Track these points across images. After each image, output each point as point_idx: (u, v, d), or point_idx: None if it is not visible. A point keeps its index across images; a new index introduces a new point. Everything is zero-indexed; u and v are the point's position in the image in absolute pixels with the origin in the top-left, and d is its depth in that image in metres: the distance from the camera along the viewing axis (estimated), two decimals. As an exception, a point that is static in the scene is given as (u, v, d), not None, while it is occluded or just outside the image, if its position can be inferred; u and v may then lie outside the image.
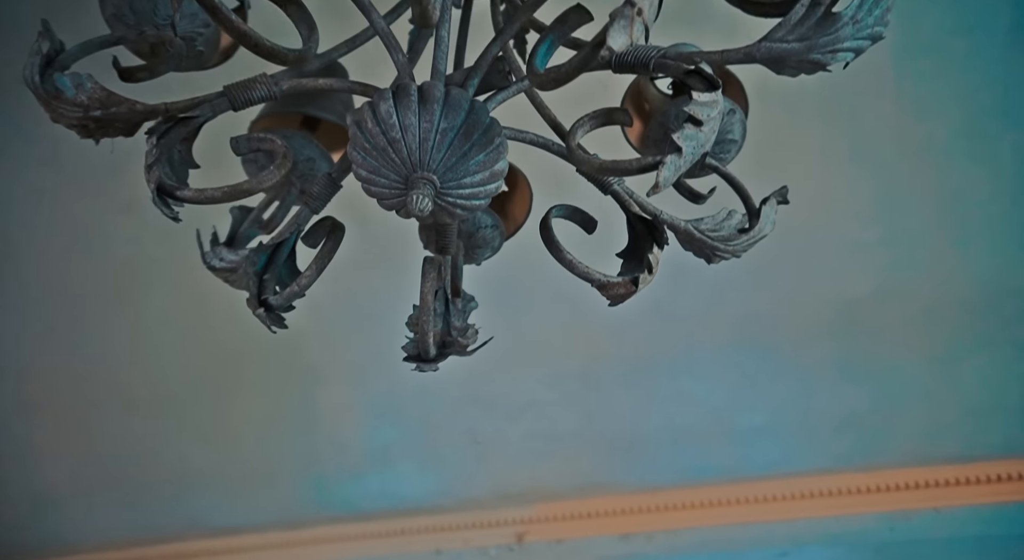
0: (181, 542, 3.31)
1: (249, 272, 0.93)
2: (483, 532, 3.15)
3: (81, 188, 2.14)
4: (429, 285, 0.92)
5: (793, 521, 2.85)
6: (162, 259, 2.29)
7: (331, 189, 1.01)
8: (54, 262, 2.28)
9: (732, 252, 0.98)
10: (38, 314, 2.42)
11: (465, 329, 1.01)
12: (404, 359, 0.97)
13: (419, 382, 2.72)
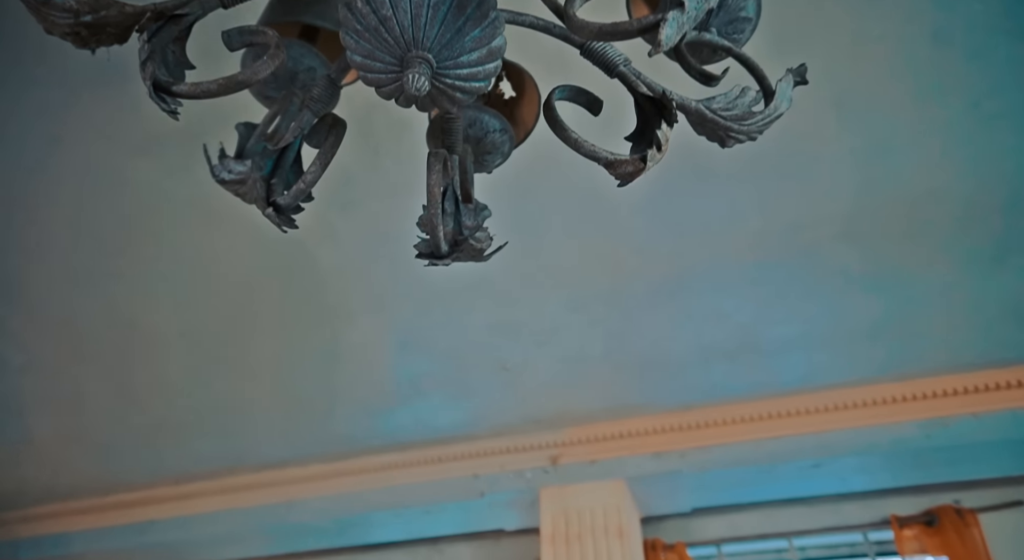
0: (226, 477, 3.46)
1: (257, 178, 0.93)
2: (518, 456, 3.22)
3: (94, 132, 2.15)
4: (435, 178, 0.90)
5: (826, 432, 2.86)
6: (180, 199, 2.30)
7: (331, 90, 0.99)
8: (72, 207, 2.31)
9: (747, 132, 0.94)
10: (65, 260, 2.47)
11: (476, 227, 1.00)
12: (417, 256, 0.96)
13: (444, 312, 2.76)
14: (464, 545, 3.71)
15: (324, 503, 3.36)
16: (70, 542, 3.52)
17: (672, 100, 0.89)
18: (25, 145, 2.15)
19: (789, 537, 3.25)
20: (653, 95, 0.91)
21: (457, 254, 1.06)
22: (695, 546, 3.33)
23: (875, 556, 3.14)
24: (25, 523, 3.61)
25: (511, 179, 2.13)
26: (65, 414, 3.10)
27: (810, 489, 3.09)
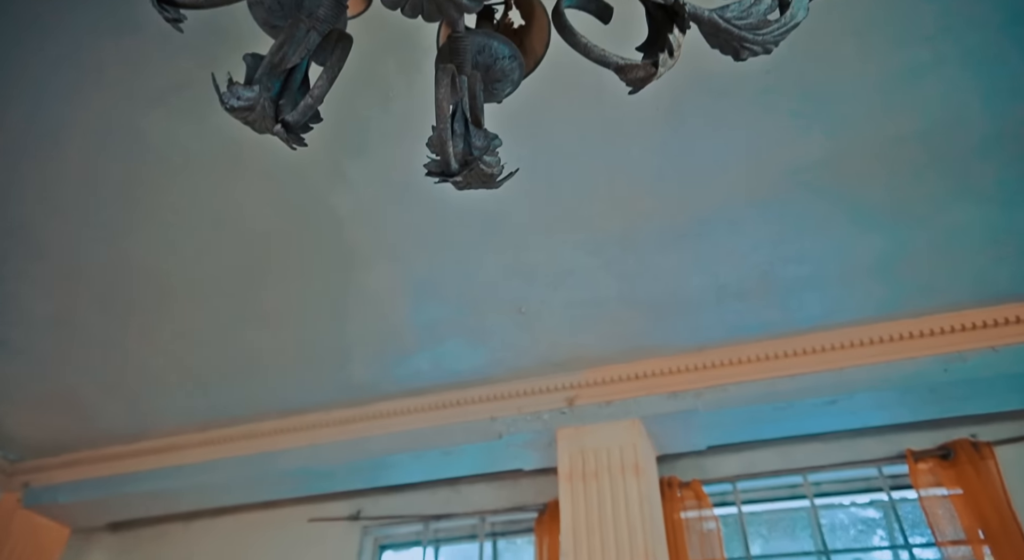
0: (250, 423, 3.56)
1: (265, 100, 0.92)
2: (534, 398, 3.27)
3: (107, 83, 2.13)
4: (443, 92, 0.89)
5: (842, 370, 2.86)
6: (194, 150, 2.30)
7: (337, 10, 0.97)
8: (88, 159, 2.31)
9: (762, 43, 0.91)
10: (84, 211, 2.49)
11: (486, 148, 0.99)
12: (427, 175, 0.96)
13: (459, 257, 2.76)
14: (483, 485, 3.81)
15: (346, 447, 3.44)
16: (104, 486, 3.66)
17: (684, 6, 0.87)
18: (40, 97, 2.15)
19: (804, 473, 3.30)
20: (664, 3, 0.89)
21: (468, 179, 1.06)
22: (711, 483, 3.39)
23: (889, 490, 3.18)
24: (61, 469, 3.75)
25: (522, 120, 2.11)
26: (91, 364, 3.18)
27: (825, 426, 3.11)
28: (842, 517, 3.44)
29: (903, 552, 3.12)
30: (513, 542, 3.86)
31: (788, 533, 3.49)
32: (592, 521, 2.90)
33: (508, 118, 1.88)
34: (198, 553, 4.03)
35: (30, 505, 3.68)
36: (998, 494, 2.86)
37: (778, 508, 3.47)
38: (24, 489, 3.73)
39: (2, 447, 3.70)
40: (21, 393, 3.35)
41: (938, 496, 3.04)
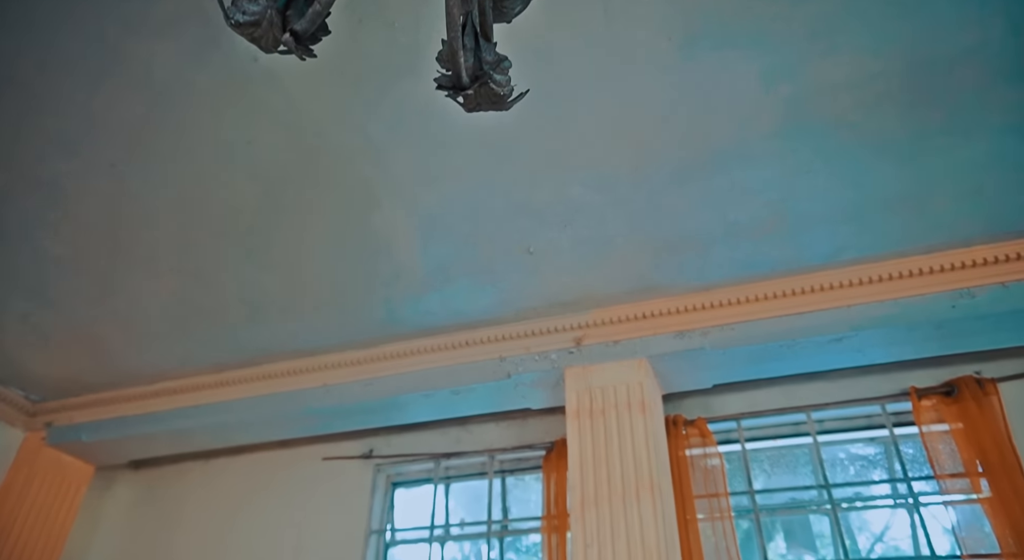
0: (263, 365, 3.62)
1: (272, 13, 0.91)
2: (543, 338, 3.31)
3: (110, 17, 2.10)
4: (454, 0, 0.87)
5: (850, 307, 2.87)
6: (200, 86, 2.28)
7: (341, -83, 0.94)
8: (95, 97, 2.30)
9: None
10: (93, 152, 2.49)
11: (498, 62, 0.98)
12: (437, 88, 0.95)
13: (468, 196, 2.75)
14: (492, 424, 3.89)
15: (358, 387, 3.51)
16: (124, 425, 3.76)
17: None
18: (43, 32, 2.12)
19: (807, 411, 3.35)
20: None
21: (478, 98, 1.05)
22: (715, 421, 3.46)
23: (892, 426, 3.23)
24: (83, 409, 3.85)
25: (529, 49, 2.07)
26: (106, 306, 3.23)
27: (831, 363, 3.14)
28: (844, 454, 3.52)
29: (901, 485, 3.20)
30: (521, 479, 3.97)
31: (790, 469, 3.57)
32: (599, 456, 2.97)
33: (516, 47, 1.85)
34: (217, 490, 4.17)
35: (54, 443, 3.80)
36: (999, 429, 2.90)
37: (781, 445, 3.54)
38: (47, 428, 3.85)
39: (24, 388, 3.79)
40: (40, 335, 3.41)
41: (939, 431, 3.09)
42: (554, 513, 3.48)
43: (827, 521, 3.41)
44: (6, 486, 3.64)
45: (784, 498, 3.46)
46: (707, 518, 3.21)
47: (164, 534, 4.12)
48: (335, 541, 3.76)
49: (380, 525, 3.85)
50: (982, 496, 2.87)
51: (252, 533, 3.94)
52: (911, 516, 3.16)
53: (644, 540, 2.73)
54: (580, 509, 2.88)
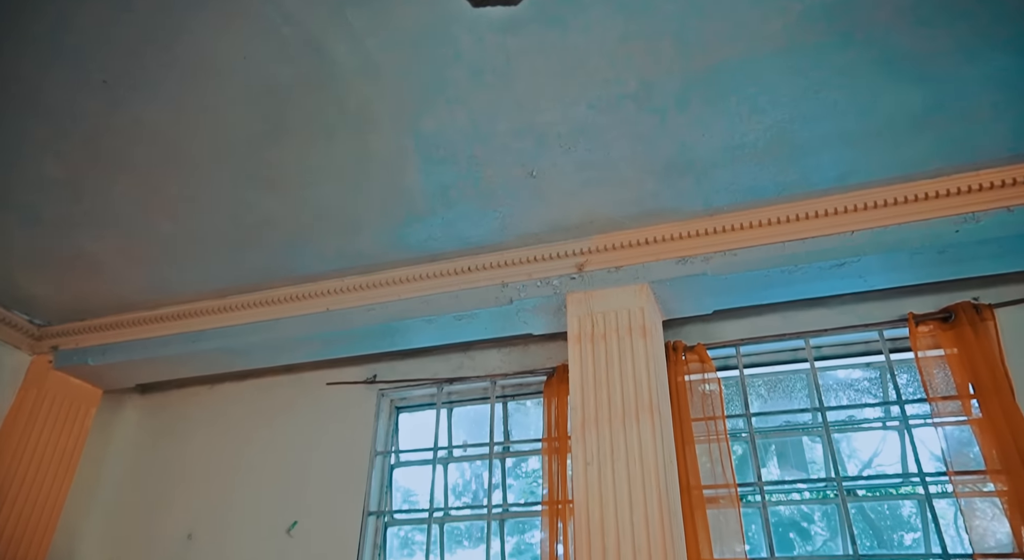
0: (266, 290, 3.64)
1: None
2: (545, 264, 3.31)
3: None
4: None
5: (854, 233, 2.87)
6: (192, 2, 2.19)
7: None
8: (87, 10, 2.21)
9: None
10: (85, 69, 2.42)
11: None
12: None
13: (469, 117, 2.69)
14: (494, 351, 3.95)
15: (361, 313, 3.54)
16: (129, 349, 3.81)
17: None
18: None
19: (806, 337, 3.40)
20: None
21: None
22: (714, 347, 3.51)
23: (888, 352, 3.28)
24: (88, 333, 3.89)
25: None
26: (105, 229, 3.20)
27: (831, 289, 3.16)
28: (839, 379, 3.59)
29: (894, 408, 3.27)
30: (523, 404, 4.06)
31: (786, 395, 3.65)
32: (600, 379, 3.03)
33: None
34: (223, 414, 4.27)
35: (61, 367, 3.85)
36: (993, 353, 2.95)
37: (778, 371, 3.61)
38: (54, 352, 3.89)
39: (28, 312, 3.82)
40: (41, 259, 3.41)
41: (934, 357, 3.14)
42: (554, 436, 3.58)
43: (820, 446, 3.51)
44: (17, 407, 3.72)
45: (779, 422, 3.55)
46: (704, 440, 3.29)
47: (172, 456, 4.23)
48: (341, 463, 3.87)
49: (385, 448, 3.96)
50: (972, 417, 2.95)
51: (258, 455, 4.05)
52: (901, 438, 3.25)
53: (643, 459, 2.81)
54: (581, 430, 2.95)
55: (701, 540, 3.07)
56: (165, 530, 3.99)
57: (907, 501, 4.55)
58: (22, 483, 3.58)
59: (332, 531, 3.69)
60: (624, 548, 2.67)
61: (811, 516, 5.09)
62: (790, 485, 3.35)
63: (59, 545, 3.80)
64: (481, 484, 4.80)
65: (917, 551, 3.34)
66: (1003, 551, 2.72)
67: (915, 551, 3.42)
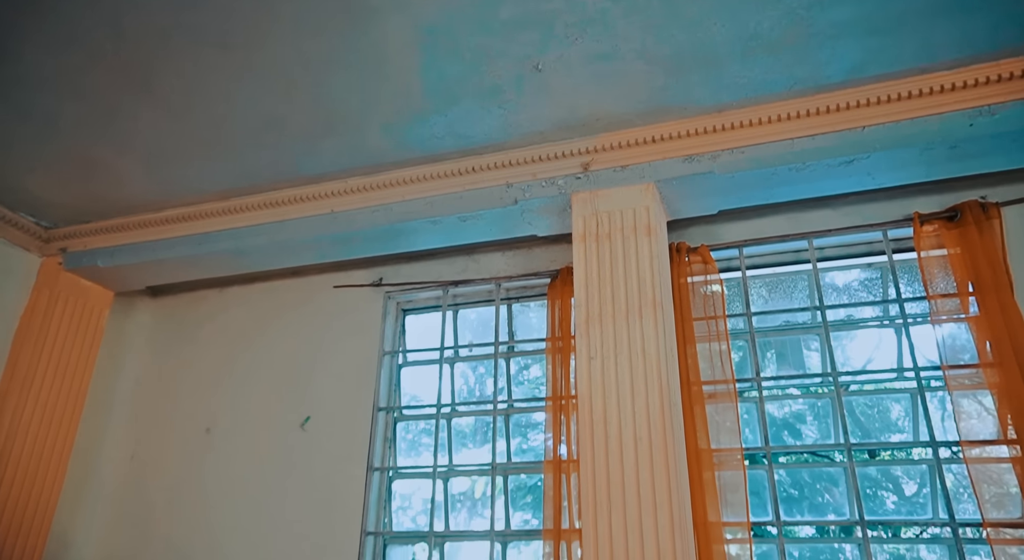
0: (269, 192, 3.63)
1: None
2: (550, 164, 3.28)
3: None
4: None
5: (864, 129, 2.82)
6: None
7: None
8: None
9: None
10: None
11: None
12: None
13: (473, 6, 2.58)
14: (498, 254, 3.98)
15: (365, 214, 3.54)
16: (137, 251, 3.84)
17: None
18: None
19: (809, 237, 3.41)
20: None
21: None
22: (718, 249, 3.52)
23: (892, 253, 3.30)
24: (95, 235, 3.91)
25: None
26: (106, 128, 3.15)
27: (838, 188, 3.14)
28: (841, 279, 3.63)
29: (893, 307, 3.33)
30: (527, 306, 4.13)
31: (787, 294, 3.70)
32: (604, 278, 3.06)
33: None
34: (233, 317, 4.35)
35: (71, 268, 3.89)
36: (996, 251, 2.97)
37: (780, 272, 3.64)
38: (63, 254, 3.93)
39: (34, 214, 3.83)
40: (44, 159, 3.38)
41: (937, 256, 3.17)
42: (558, 336, 3.66)
43: (817, 345, 3.60)
44: (32, 307, 3.79)
45: (779, 322, 3.62)
46: (705, 339, 3.37)
47: (186, 357, 4.35)
48: (350, 363, 3.98)
49: (392, 348, 4.06)
50: (969, 315, 3.00)
51: (270, 356, 4.16)
52: (898, 336, 3.32)
53: (645, 353, 2.89)
54: (585, 326, 3.02)
55: (699, 433, 3.20)
56: (183, 426, 4.15)
57: (897, 405, 4.71)
58: (43, 380, 3.70)
59: (344, 426, 3.84)
60: (625, 438, 2.79)
61: (804, 417, 5.28)
62: (787, 380, 3.46)
63: (82, 442, 3.97)
64: (485, 391, 4.96)
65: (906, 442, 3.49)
66: (1016, 517, 2.80)
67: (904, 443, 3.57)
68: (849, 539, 3.13)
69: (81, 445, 3.97)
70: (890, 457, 3.60)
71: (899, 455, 3.72)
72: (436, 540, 3.61)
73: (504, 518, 3.57)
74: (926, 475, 3.19)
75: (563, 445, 3.42)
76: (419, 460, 4.10)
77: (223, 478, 3.93)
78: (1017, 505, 2.78)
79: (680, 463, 2.82)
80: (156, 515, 3.97)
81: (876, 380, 3.36)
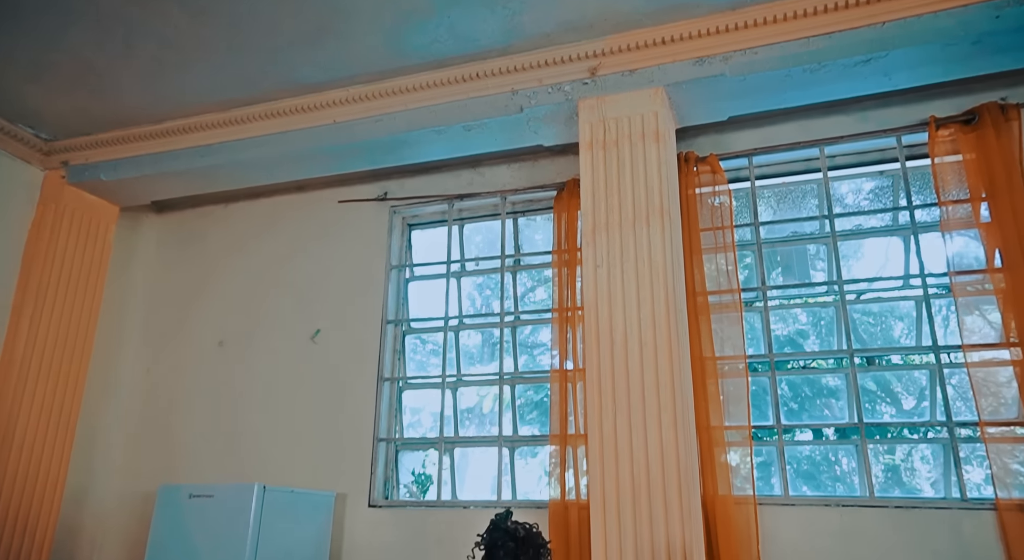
0: (270, 102, 3.55)
1: None
2: (556, 69, 3.19)
3: None
4: None
5: (884, 24, 2.71)
6: None
7: None
8: None
9: None
10: None
11: None
12: None
13: None
14: (504, 166, 3.93)
15: (367, 124, 3.47)
16: (140, 164, 3.80)
17: None
18: None
19: (821, 144, 3.33)
20: None
21: None
22: (727, 158, 3.46)
23: (905, 159, 3.24)
24: (97, 148, 3.86)
25: None
26: (100, 38, 3.07)
27: (852, 90, 3.05)
28: (852, 188, 3.58)
29: (902, 216, 3.29)
30: (533, 220, 4.11)
31: (796, 204, 3.66)
32: (611, 186, 3.02)
33: None
34: (238, 232, 4.36)
35: (75, 182, 3.87)
36: (1013, 154, 2.91)
37: (790, 181, 3.59)
38: (65, 167, 3.89)
39: (34, 126, 3.77)
40: (40, 71, 3.31)
41: (951, 162, 3.10)
42: (564, 249, 3.66)
43: (824, 266, 3.58)
44: (39, 220, 3.80)
45: (787, 232, 3.60)
46: (711, 250, 3.36)
47: (194, 273, 4.39)
48: (357, 277, 4.01)
49: (399, 262, 4.08)
50: (981, 222, 2.97)
51: (277, 271, 4.19)
52: (906, 246, 3.30)
53: (652, 260, 2.88)
54: (592, 234, 3.00)
55: (704, 342, 3.24)
56: (197, 340, 4.23)
57: (900, 323, 4.73)
58: (56, 293, 3.74)
59: (353, 338, 3.90)
60: (631, 344, 2.82)
61: (807, 334, 5.33)
62: (793, 288, 3.47)
63: (99, 356, 4.06)
64: (491, 309, 4.99)
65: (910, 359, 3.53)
66: (1011, 417, 2.82)
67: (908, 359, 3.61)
68: (847, 441, 3.21)
69: (98, 358, 4.06)
70: (890, 363, 3.65)
71: (901, 371, 3.77)
72: (446, 446, 3.74)
73: (512, 425, 3.67)
74: (925, 389, 3.24)
75: (569, 358, 3.48)
76: (429, 374, 4.17)
77: (237, 389, 4.04)
78: (1013, 407, 2.84)
79: (684, 368, 2.86)
80: (174, 424, 4.10)
81: (882, 289, 3.36)
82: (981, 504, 2.74)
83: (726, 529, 2.94)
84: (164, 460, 4.02)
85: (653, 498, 2.61)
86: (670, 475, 2.61)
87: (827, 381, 4.84)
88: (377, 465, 3.70)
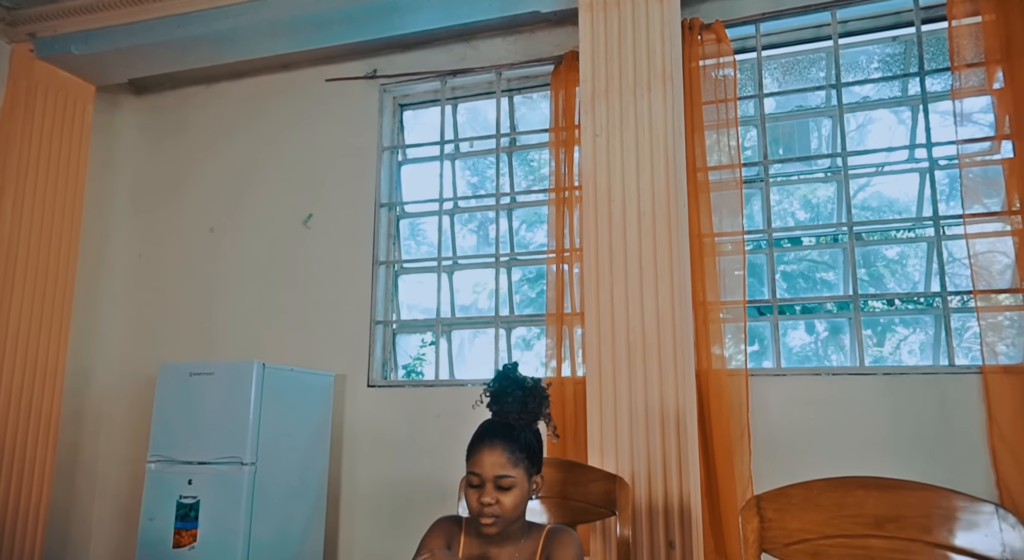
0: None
1: None
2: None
3: None
4: None
5: None
6: None
7: None
8: None
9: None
10: None
11: None
12: None
13: None
14: (499, 39, 3.73)
15: (354, -11, 3.25)
16: (113, 36, 3.57)
17: None
18: None
19: (832, 8, 3.16)
20: None
21: None
22: (734, 25, 3.29)
23: (920, 23, 3.08)
24: (65, 18, 3.61)
25: None
26: None
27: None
28: (863, 56, 3.42)
29: (912, 86, 3.17)
30: (529, 97, 3.95)
31: (803, 75, 3.52)
32: (612, 50, 2.88)
33: None
34: (222, 115, 4.19)
35: (45, 56, 3.64)
36: (1035, 13, 2.76)
37: (798, 51, 3.43)
38: (33, 40, 3.65)
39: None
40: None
41: (969, 24, 2.96)
42: (562, 126, 3.54)
43: (828, 142, 3.48)
44: (11, 97, 3.60)
45: (791, 106, 3.48)
46: (713, 126, 3.25)
47: (179, 158, 4.25)
48: (349, 159, 3.89)
49: (391, 143, 3.95)
50: (994, 88, 2.86)
51: (264, 154, 4.06)
52: (914, 117, 3.20)
53: (652, 129, 2.78)
54: (590, 101, 2.88)
55: (703, 218, 3.19)
56: (186, 226, 4.15)
57: (899, 216, 4.68)
58: (37, 174, 3.62)
59: (346, 222, 3.84)
60: (629, 215, 2.76)
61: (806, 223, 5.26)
62: (796, 162, 3.39)
63: (88, 242, 3.99)
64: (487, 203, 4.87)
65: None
66: (1004, 286, 2.80)
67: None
68: (841, 314, 3.24)
69: (88, 245, 3.99)
70: (886, 236, 3.63)
71: (900, 246, 3.75)
72: (443, 328, 3.76)
73: (508, 307, 3.68)
74: (922, 274, 3.22)
75: (566, 239, 3.44)
76: (424, 257, 4.13)
77: (232, 275, 4.00)
78: (1008, 277, 2.84)
79: (683, 238, 2.82)
80: (169, 309, 4.09)
81: (886, 162, 3.29)
82: (968, 369, 2.80)
83: (718, 399, 3.00)
84: (162, 344, 4.04)
85: (648, 366, 2.63)
86: (665, 344, 2.62)
87: (822, 276, 4.84)
88: (375, 347, 3.73)
